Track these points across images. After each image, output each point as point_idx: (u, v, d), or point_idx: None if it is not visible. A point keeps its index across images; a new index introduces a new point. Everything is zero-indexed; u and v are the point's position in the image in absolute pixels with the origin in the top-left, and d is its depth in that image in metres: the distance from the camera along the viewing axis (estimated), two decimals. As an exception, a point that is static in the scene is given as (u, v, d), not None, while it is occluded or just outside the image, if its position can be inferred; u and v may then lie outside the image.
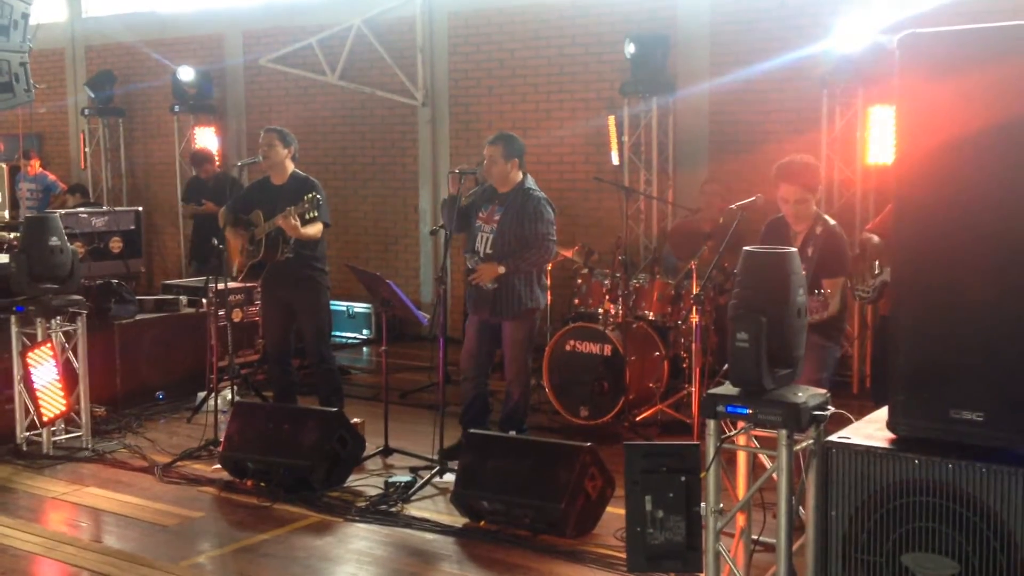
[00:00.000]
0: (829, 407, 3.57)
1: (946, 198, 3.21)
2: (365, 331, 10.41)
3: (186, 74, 11.49)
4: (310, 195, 6.38)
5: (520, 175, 6.31)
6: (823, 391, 3.66)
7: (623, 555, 4.47)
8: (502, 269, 6.15)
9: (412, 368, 8.68)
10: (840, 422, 3.59)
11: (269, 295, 6.94)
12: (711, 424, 3.62)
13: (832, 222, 5.27)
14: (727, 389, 3.61)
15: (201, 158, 10.52)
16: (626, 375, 6.78)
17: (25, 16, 6.79)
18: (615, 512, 5.05)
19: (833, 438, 3.39)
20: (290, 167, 6.75)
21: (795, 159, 5.28)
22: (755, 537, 3.92)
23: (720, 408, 3.57)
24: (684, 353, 7.10)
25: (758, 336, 3.44)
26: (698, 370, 6.38)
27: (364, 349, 10.20)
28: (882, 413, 3.44)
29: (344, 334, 10.35)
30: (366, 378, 8.84)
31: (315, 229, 6.51)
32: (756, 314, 3.46)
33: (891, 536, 3.22)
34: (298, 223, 6.34)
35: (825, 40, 8.03)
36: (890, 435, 3.32)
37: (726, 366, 3.69)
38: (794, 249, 3.65)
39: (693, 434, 6.01)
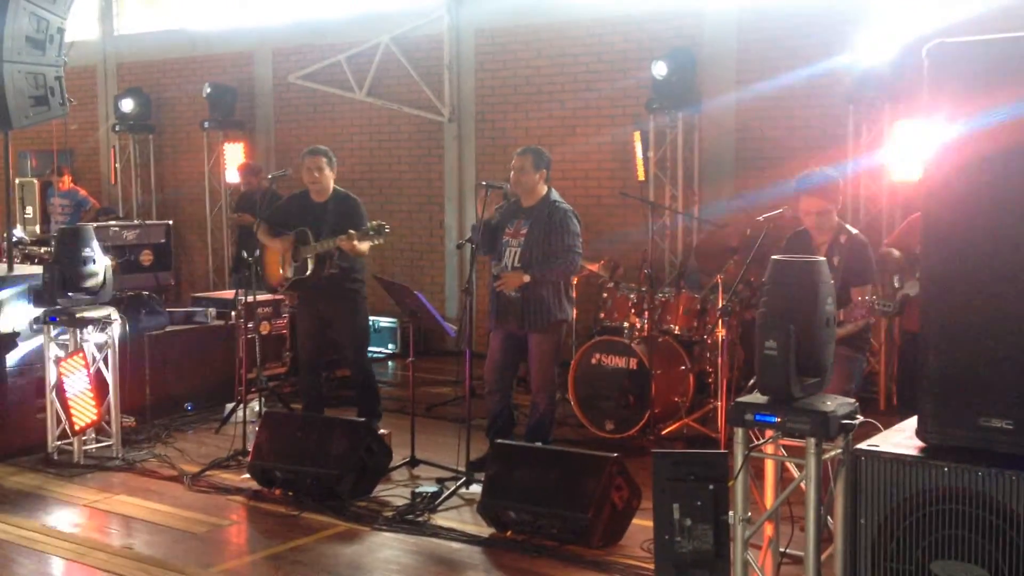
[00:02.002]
0: (858, 416, 3.58)
1: (974, 211, 3.22)
2: (391, 345, 10.46)
3: (213, 90, 11.66)
4: (375, 224, 6.52)
5: (545, 188, 6.36)
6: (852, 400, 3.67)
7: (650, 566, 4.48)
8: (527, 277, 6.17)
9: (437, 382, 8.73)
10: (868, 433, 3.59)
11: (307, 308, 7.01)
12: (739, 432, 3.63)
13: (855, 231, 5.27)
14: (755, 397, 3.62)
15: (251, 171, 10.58)
16: (651, 389, 6.78)
17: (61, 31, 6.91)
18: (641, 524, 5.06)
19: (862, 446, 3.39)
20: (332, 185, 6.85)
21: (814, 172, 5.30)
22: (783, 550, 3.92)
23: (748, 416, 3.58)
24: (710, 367, 7.10)
25: (787, 344, 3.46)
26: (724, 384, 6.39)
27: (389, 363, 10.25)
28: (911, 422, 3.44)
29: (370, 348, 10.37)
30: (392, 391, 8.87)
31: (368, 245, 6.64)
32: (784, 322, 3.48)
33: (920, 544, 3.22)
34: (357, 243, 6.50)
35: (851, 55, 8.04)
36: (919, 443, 3.33)
37: (752, 380, 3.71)
38: (822, 258, 3.67)
39: (719, 448, 6.01)
